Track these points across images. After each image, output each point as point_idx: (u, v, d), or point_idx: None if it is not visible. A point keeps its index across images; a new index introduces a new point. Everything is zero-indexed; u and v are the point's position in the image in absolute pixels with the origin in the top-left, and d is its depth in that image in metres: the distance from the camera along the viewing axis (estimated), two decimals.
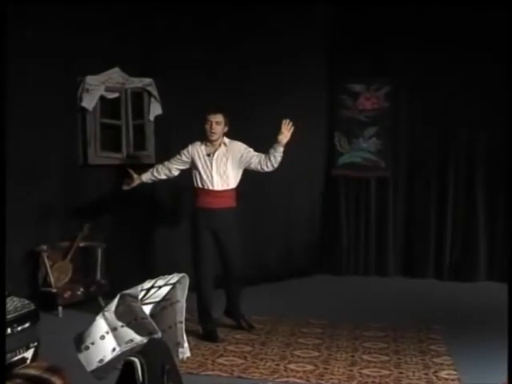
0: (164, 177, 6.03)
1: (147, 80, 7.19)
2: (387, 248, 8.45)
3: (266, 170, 5.80)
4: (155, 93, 7.23)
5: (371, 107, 8.30)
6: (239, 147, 5.84)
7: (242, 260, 6.01)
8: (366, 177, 8.41)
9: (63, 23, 6.56)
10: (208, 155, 5.80)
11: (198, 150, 5.84)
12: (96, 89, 6.89)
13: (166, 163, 5.99)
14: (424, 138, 8.25)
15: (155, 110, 7.27)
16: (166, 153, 6.88)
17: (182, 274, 4.28)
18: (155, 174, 6.02)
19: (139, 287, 3.51)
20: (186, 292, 4.37)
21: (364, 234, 8.52)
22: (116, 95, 7.08)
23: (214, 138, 5.78)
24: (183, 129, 7.08)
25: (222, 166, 5.79)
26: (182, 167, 5.95)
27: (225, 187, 5.81)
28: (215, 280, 5.91)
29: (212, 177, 5.78)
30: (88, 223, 6.86)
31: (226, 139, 5.87)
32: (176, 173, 6.00)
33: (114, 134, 7.12)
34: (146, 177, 6.06)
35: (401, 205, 8.45)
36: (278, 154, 5.69)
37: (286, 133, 5.60)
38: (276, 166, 5.76)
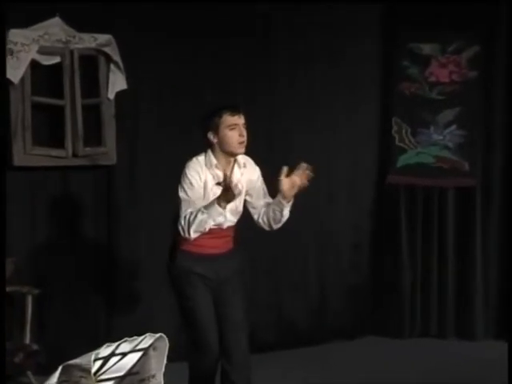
0: None
1: (104, 37, 7.21)
2: (473, 297, 8.42)
3: (264, 228, 5.82)
4: (117, 57, 7.25)
5: (449, 79, 8.32)
6: (255, 174, 5.82)
7: (256, 318, 6.08)
8: (441, 186, 8.42)
9: None
10: (218, 184, 5.68)
11: (207, 177, 5.70)
12: (25, 50, 6.91)
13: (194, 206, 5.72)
14: None
15: (117, 83, 7.30)
16: (133, 149, 7.10)
17: (157, 335, 4.17)
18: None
19: (92, 355, 3.43)
20: (165, 362, 4.22)
21: (437, 275, 8.48)
22: (56, 60, 7.11)
23: (243, 150, 5.69)
24: (159, 112, 7.26)
25: (237, 200, 5.71)
26: None
27: (230, 224, 5.80)
28: None
29: (225, 217, 5.70)
30: (12, 257, 6.77)
31: (240, 156, 5.79)
32: None
33: (54, 119, 7.15)
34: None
35: (495, 228, 8.41)
36: (285, 213, 5.68)
37: (304, 180, 5.54)
38: (280, 226, 5.78)
